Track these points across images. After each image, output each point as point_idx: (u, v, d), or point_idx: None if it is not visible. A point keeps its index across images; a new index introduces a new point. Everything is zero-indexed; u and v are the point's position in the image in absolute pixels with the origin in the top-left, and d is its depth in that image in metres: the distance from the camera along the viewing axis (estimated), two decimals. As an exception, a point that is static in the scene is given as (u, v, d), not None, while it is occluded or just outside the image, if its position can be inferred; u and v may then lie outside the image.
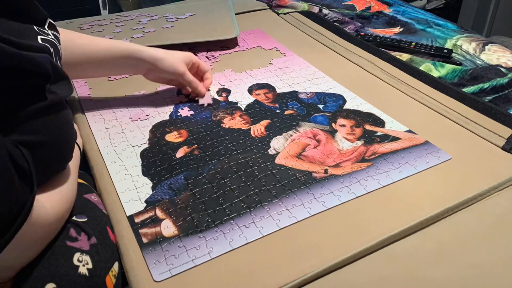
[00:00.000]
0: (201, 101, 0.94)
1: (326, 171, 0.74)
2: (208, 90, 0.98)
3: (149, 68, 0.91)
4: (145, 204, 0.68)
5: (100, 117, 0.90)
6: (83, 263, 0.55)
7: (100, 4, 2.37)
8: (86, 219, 0.61)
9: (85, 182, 0.71)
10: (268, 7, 1.47)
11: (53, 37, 0.65)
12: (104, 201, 0.69)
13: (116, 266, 0.60)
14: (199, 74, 0.98)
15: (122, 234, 0.63)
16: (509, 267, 0.59)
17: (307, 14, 1.38)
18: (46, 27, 0.66)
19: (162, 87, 1.00)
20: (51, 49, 0.61)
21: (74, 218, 0.61)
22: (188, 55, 0.94)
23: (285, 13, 1.40)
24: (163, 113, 0.91)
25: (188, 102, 0.95)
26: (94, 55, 0.86)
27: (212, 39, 1.17)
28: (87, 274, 0.55)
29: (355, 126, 0.85)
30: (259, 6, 1.47)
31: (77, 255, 0.56)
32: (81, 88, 1.00)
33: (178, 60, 0.91)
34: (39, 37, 0.61)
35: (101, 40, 0.88)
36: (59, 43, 0.67)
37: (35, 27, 0.62)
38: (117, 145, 0.82)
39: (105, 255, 0.59)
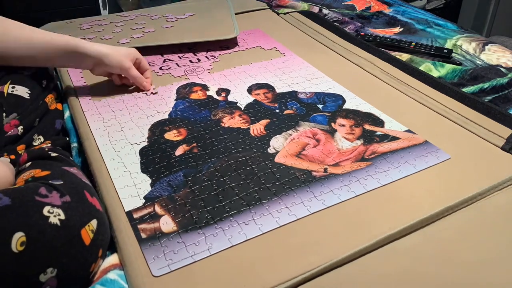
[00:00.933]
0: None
1: (325, 170, 0.74)
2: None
3: (95, 63, 0.93)
4: (144, 200, 0.68)
5: (99, 116, 0.89)
6: (54, 214, 0.54)
7: (100, 4, 2.37)
8: (61, 182, 0.59)
9: (66, 158, 0.71)
10: (268, 7, 1.47)
11: None
12: (102, 197, 0.69)
13: (94, 222, 0.58)
14: (141, 70, 1.00)
15: (120, 229, 0.63)
16: (509, 265, 0.59)
17: (307, 14, 1.38)
18: None
19: (161, 86, 1.00)
20: None
21: (49, 182, 0.60)
22: (132, 51, 0.97)
23: (285, 13, 1.40)
24: (162, 112, 0.91)
25: (187, 100, 0.95)
26: (37, 49, 0.86)
27: (212, 39, 1.17)
28: (59, 224, 0.53)
29: (354, 125, 0.85)
30: (259, 6, 1.47)
31: (47, 208, 0.54)
32: (80, 86, 1.00)
33: (123, 56, 0.94)
34: None
35: (44, 33, 0.88)
36: None
37: None
38: (116, 142, 0.82)
39: (81, 211, 0.57)
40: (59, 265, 0.52)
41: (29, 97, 0.83)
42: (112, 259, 0.61)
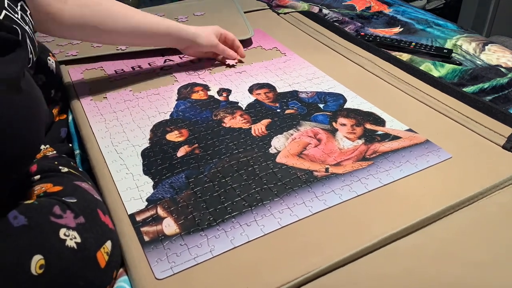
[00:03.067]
0: (229, 62, 1.10)
1: (327, 169, 0.74)
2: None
3: (188, 45, 1.05)
4: (146, 203, 0.68)
5: (100, 117, 0.90)
6: (70, 237, 0.53)
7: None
8: (75, 200, 0.59)
9: (76, 173, 0.71)
10: (268, 7, 1.47)
11: (20, 17, 0.64)
12: (105, 200, 0.69)
13: (109, 244, 0.58)
14: (227, 42, 1.11)
15: (123, 232, 0.63)
16: (511, 264, 0.59)
17: (307, 14, 1.38)
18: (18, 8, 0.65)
19: (162, 87, 1.00)
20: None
21: (62, 199, 0.59)
22: (216, 28, 1.08)
23: (285, 13, 1.40)
24: (164, 112, 0.91)
25: (188, 101, 0.95)
26: (141, 28, 0.96)
27: None
28: (76, 247, 0.53)
29: (355, 125, 0.85)
30: (259, 6, 1.47)
31: (63, 230, 0.54)
32: (82, 88, 1.00)
33: (211, 34, 1.06)
34: (4, 11, 0.60)
35: (149, 15, 0.98)
36: (27, 24, 0.66)
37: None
38: (117, 144, 0.82)
39: (95, 233, 0.57)
40: None
41: None
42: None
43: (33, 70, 0.67)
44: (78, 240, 0.54)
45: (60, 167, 0.69)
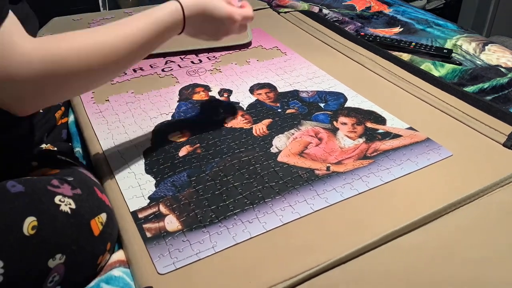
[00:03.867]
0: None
1: (328, 168, 0.74)
2: None
3: None
4: (148, 201, 0.69)
5: (103, 119, 0.90)
6: (65, 203, 0.55)
7: (100, 3, 2.37)
8: (72, 178, 0.60)
9: (73, 161, 0.71)
10: (269, 6, 1.47)
11: None
12: (108, 198, 0.69)
13: (104, 216, 0.59)
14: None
15: (126, 229, 0.64)
16: (511, 261, 0.59)
17: (308, 13, 1.39)
18: None
19: (163, 88, 1.00)
20: None
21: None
22: None
23: (285, 12, 1.40)
24: (165, 113, 0.91)
25: (190, 102, 0.95)
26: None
27: (228, 44, 1.17)
28: (70, 212, 0.54)
29: (356, 124, 0.85)
30: (259, 5, 1.47)
31: (58, 197, 0.55)
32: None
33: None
34: None
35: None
36: None
37: None
38: (120, 145, 0.82)
39: (91, 204, 0.58)
40: (68, 252, 0.53)
41: (42, 110, 0.84)
42: (118, 255, 0.61)
43: None
44: (73, 206, 0.55)
45: (58, 156, 0.69)
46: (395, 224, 0.63)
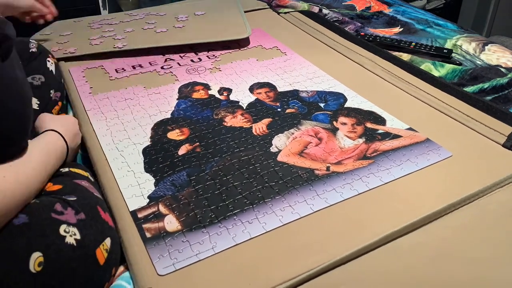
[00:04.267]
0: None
1: (328, 168, 0.74)
2: None
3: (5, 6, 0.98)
4: (148, 200, 0.69)
5: (101, 116, 0.90)
6: (70, 234, 0.54)
7: (100, 4, 2.36)
8: (75, 198, 0.60)
9: (77, 170, 0.71)
10: (269, 7, 1.47)
11: None
12: (107, 197, 0.69)
13: (108, 241, 0.59)
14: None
15: (125, 229, 0.64)
16: (511, 261, 0.59)
17: (308, 13, 1.39)
18: None
19: (163, 86, 1.00)
20: None
21: (62, 197, 0.60)
22: None
23: (285, 13, 1.40)
24: (165, 111, 0.91)
25: (189, 100, 0.95)
26: None
27: (226, 39, 1.17)
28: (75, 244, 0.54)
29: (356, 124, 0.85)
30: (259, 6, 1.47)
31: (63, 227, 0.54)
32: (83, 87, 1.00)
33: None
34: None
35: None
36: None
37: None
38: (119, 142, 0.82)
39: (95, 230, 0.58)
40: (75, 286, 0.53)
41: (38, 108, 0.83)
42: (118, 271, 0.61)
43: None
44: (78, 236, 0.55)
45: (60, 169, 0.69)
46: (395, 225, 0.63)
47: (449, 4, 2.61)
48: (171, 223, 0.64)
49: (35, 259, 0.50)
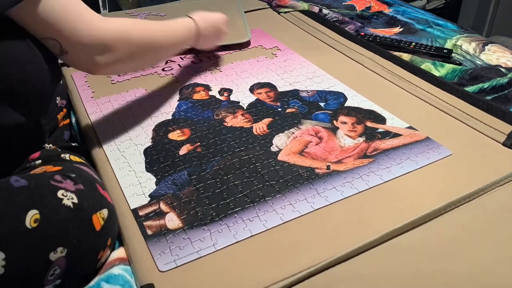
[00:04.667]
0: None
1: (328, 167, 0.74)
2: None
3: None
4: (149, 198, 0.69)
5: (103, 117, 0.90)
6: (68, 198, 0.55)
7: (100, 4, 2.37)
8: (74, 175, 0.61)
9: (78, 159, 0.72)
10: (269, 6, 1.47)
11: None
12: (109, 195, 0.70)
13: (105, 211, 0.59)
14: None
15: (126, 227, 0.64)
16: (511, 260, 0.59)
17: (308, 13, 1.39)
18: None
19: (164, 87, 1.01)
20: None
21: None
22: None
23: (285, 12, 1.41)
24: (166, 113, 0.92)
25: (190, 101, 0.95)
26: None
27: (227, 43, 1.17)
28: (72, 206, 0.55)
29: (356, 123, 0.85)
30: (259, 5, 1.47)
31: (61, 191, 0.55)
32: (84, 91, 1.00)
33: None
34: None
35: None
36: None
37: None
38: (120, 143, 0.82)
39: (93, 199, 0.59)
40: (69, 246, 0.53)
41: None
42: (118, 253, 0.62)
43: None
44: (75, 201, 0.56)
45: (62, 155, 0.70)
46: (395, 223, 0.63)
47: (449, 4, 2.61)
48: (172, 220, 0.65)
49: (32, 216, 0.51)
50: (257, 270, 0.58)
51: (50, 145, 0.83)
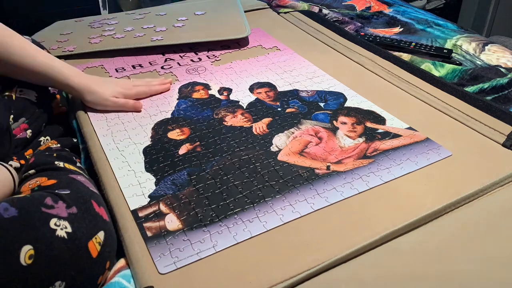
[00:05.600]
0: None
1: (328, 167, 0.74)
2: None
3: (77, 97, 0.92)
4: (148, 199, 0.69)
5: (102, 116, 0.90)
6: (61, 227, 0.54)
7: (100, 4, 2.37)
8: (68, 192, 0.60)
9: (72, 167, 0.71)
10: (268, 6, 1.47)
11: None
12: (107, 196, 0.69)
13: (101, 235, 0.58)
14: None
15: (126, 228, 0.64)
16: (511, 261, 0.59)
17: (308, 13, 1.39)
18: None
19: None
20: None
21: (55, 191, 0.60)
22: (119, 90, 0.93)
23: (285, 12, 1.41)
24: (165, 111, 0.91)
25: (189, 100, 0.95)
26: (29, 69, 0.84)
27: (224, 38, 1.18)
28: (66, 237, 0.53)
29: (356, 123, 0.85)
30: (259, 5, 1.47)
31: (53, 220, 0.54)
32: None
33: (111, 93, 0.91)
34: None
35: (46, 56, 0.87)
36: None
37: None
38: (119, 142, 0.82)
39: (88, 224, 0.57)
40: (67, 279, 0.52)
41: (36, 101, 0.84)
42: (116, 266, 0.61)
43: None
44: (69, 230, 0.54)
45: (56, 162, 0.69)
46: (395, 224, 0.63)
47: (449, 4, 2.61)
48: (172, 222, 0.65)
49: (26, 252, 0.50)
50: (257, 271, 0.57)
51: (48, 137, 0.82)
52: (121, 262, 0.61)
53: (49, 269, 0.51)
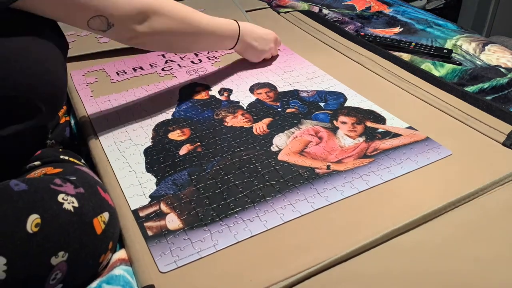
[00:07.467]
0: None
1: (328, 167, 0.74)
2: None
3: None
4: (149, 199, 0.69)
5: (103, 117, 0.90)
6: (68, 202, 0.55)
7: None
8: (75, 178, 0.61)
9: (77, 161, 0.72)
10: (269, 6, 1.48)
11: None
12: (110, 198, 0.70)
13: (106, 215, 0.59)
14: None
15: (127, 227, 0.64)
16: (511, 260, 0.59)
17: (308, 13, 1.39)
18: None
19: (164, 87, 1.01)
20: None
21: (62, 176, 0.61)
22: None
23: (285, 12, 1.41)
24: (166, 112, 0.92)
25: (190, 101, 0.95)
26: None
27: None
28: (72, 210, 0.55)
29: (356, 123, 0.85)
30: (259, 5, 1.47)
31: (61, 195, 0.55)
32: (84, 90, 1.01)
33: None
34: None
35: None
36: None
37: None
38: (120, 143, 0.82)
39: (94, 203, 0.58)
40: (70, 250, 0.53)
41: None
42: (119, 254, 0.62)
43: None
44: (76, 204, 0.55)
45: (61, 156, 0.70)
46: (395, 223, 0.63)
47: (449, 4, 2.61)
48: (172, 221, 0.65)
49: (33, 220, 0.51)
50: (257, 270, 0.58)
51: (53, 141, 0.83)
52: (123, 253, 0.62)
53: (54, 239, 0.52)
